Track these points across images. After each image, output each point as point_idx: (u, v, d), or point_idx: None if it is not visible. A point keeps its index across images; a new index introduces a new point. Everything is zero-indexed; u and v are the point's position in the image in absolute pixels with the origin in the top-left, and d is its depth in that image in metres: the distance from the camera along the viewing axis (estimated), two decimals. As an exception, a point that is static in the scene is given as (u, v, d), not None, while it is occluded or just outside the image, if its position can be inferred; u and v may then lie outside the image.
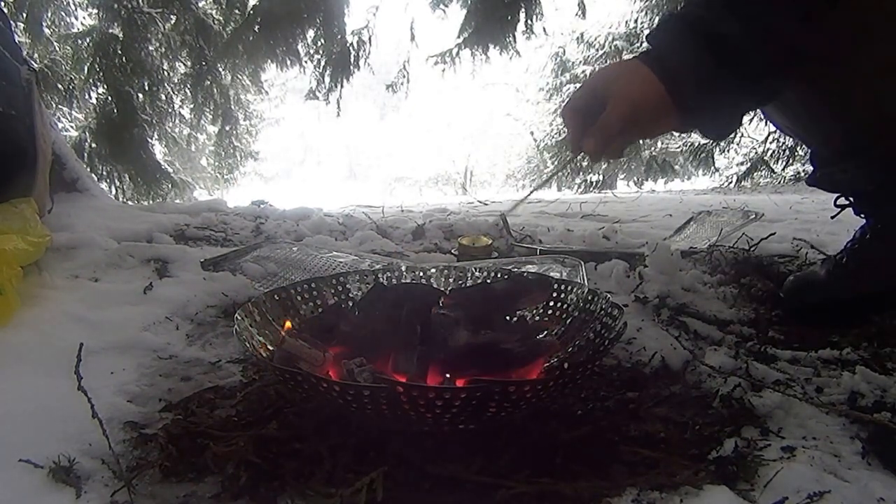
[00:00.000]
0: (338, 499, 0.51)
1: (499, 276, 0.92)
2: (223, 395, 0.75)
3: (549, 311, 0.85)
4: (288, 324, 0.77)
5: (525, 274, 1.06)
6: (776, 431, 0.65)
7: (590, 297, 0.81)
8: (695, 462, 0.58)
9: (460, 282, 0.95)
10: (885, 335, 0.92)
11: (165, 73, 4.02)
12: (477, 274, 0.94)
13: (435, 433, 0.59)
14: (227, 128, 4.77)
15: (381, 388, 0.54)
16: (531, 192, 1.07)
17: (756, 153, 5.43)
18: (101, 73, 3.57)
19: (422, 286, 0.89)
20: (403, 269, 0.95)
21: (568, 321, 0.82)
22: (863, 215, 1.02)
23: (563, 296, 0.86)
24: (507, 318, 0.84)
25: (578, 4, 4.06)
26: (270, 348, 0.72)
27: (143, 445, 0.62)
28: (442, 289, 0.92)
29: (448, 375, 0.65)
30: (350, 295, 0.89)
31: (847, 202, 1.02)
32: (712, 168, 5.60)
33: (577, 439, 0.62)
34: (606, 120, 0.78)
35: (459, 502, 0.53)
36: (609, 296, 0.79)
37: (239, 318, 0.71)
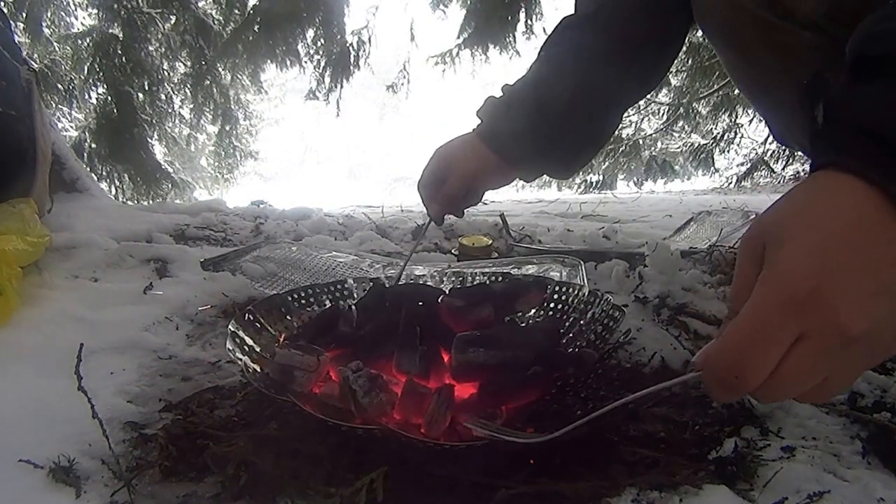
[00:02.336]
0: (338, 499, 0.51)
1: (496, 278, 0.93)
2: (223, 395, 0.75)
3: (549, 313, 0.86)
4: (282, 337, 0.76)
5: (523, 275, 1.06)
6: (776, 431, 0.65)
7: (591, 299, 0.81)
8: (694, 462, 0.58)
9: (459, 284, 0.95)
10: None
11: (165, 73, 4.02)
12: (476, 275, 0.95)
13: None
14: (227, 128, 4.77)
15: (374, 428, 0.54)
16: (409, 258, 1.06)
17: (756, 153, 5.42)
18: (101, 73, 3.57)
19: (421, 287, 0.90)
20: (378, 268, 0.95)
21: (567, 323, 0.82)
22: None
23: (562, 297, 0.86)
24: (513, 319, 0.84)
25: (578, 4, 4.06)
26: (266, 355, 0.71)
27: (143, 445, 0.62)
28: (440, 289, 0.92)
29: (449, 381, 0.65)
30: (349, 299, 0.89)
31: None
32: (712, 168, 5.60)
33: (577, 439, 0.62)
34: (448, 191, 0.90)
35: (459, 502, 0.53)
36: (610, 297, 0.79)
37: (232, 329, 0.71)
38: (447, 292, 0.84)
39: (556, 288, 0.87)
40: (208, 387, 0.77)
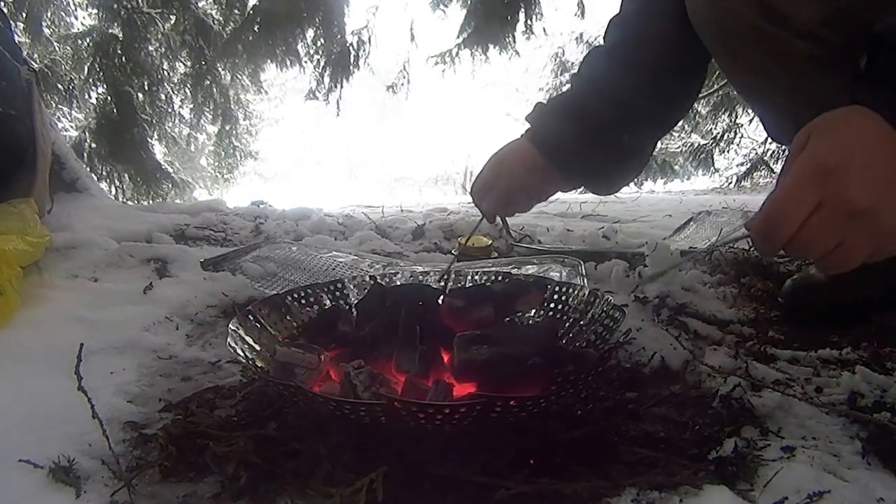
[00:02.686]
0: (338, 499, 0.51)
1: (496, 278, 0.93)
2: (223, 395, 0.75)
3: (549, 314, 0.85)
4: (281, 336, 0.76)
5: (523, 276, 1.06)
6: (776, 431, 0.65)
7: (590, 300, 0.81)
8: (694, 462, 0.58)
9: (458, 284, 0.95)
10: (885, 335, 0.92)
11: (165, 73, 4.01)
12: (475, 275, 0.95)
13: (434, 435, 0.59)
14: (227, 128, 4.76)
15: (378, 403, 0.54)
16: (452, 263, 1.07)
17: (756, 153, 5.43)
18: (101, 73, 3.56)
19: (419, 286, 0.90)
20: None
21: (567, 323, 0.82)
22: None
23: (562, 297, 0.86)
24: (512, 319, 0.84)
25: (578, 4, 4.06)
26: (267, 354, 0.71)
27: (143, 445, 0.62)
28: (439, 290, 0.92)
29: (450, 380, 0.65)
30: (348, 300, 0.89)
31: None
32: (712, 168, 5.60)
33: (577, 439, 0.62)
34: (500, 190, 0.94)
35: (459, 502, 0.53)
36: (610, 298, 0.79)
37: (233, 328, 0.71)
38: (446, 292, 0.84)
39: (556, 288, 0.87)
40: (208, 387, 0.77)
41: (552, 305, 0.86)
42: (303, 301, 0.85)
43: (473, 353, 0.64)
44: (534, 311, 0.87)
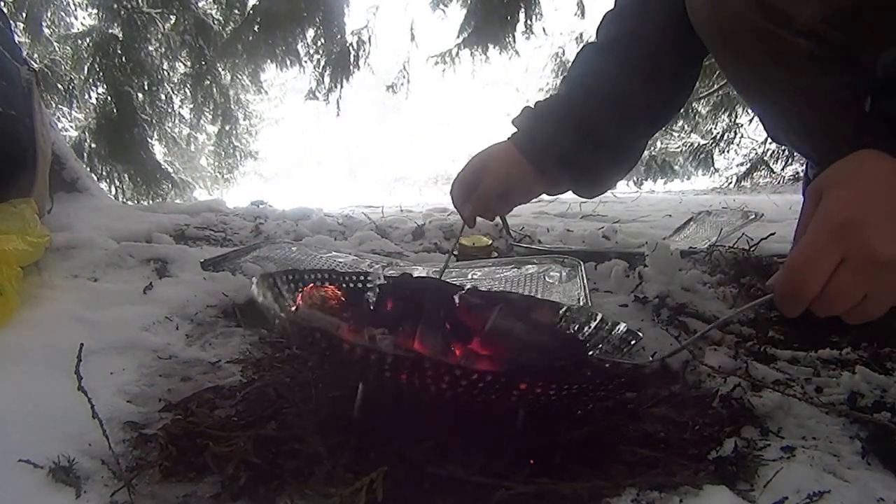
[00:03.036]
0: (338, 499, 0.51)
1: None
2: (223, 395, 0.75)
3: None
4: (300, 298, 0.74)
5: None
6: (776, 431, 0.65)
7: (605, 325, 0.80)
8: (694, 462, 0.58)
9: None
10: (885, 335, 0.92)
11: (165, 73, 4.01)
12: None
13: (435, 434, 0.59)
14: (227, 128, 4.76)
15: (407, 357, 0.53)
16: (451, 252, 1.10)
17: (756, 153, 5.43)
18: (101, 73, 3.56)
19: (440, 281, 0.89)
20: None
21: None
22: None
23: (572, 323, 0.84)
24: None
25: (578, 4, 4.07)
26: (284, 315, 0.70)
27: (142, 445, 0.62)
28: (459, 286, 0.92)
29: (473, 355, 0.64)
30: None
31: None
32: (712, 168, 5.60)
33: (577, 439, 0.62)
34: (480, 193, 0.91)
35: (459, 502, 0.53)
36: (625, 327, 0.77)
37: (257, 288, 0.68)
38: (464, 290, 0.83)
39: (566, 311, 0.85)
40: (208, 387, 0.77)
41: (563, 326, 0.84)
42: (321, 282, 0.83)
43: (508, 325, 0.64)
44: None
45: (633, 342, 0.73)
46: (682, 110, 0.97)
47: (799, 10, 0.72)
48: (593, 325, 0.81)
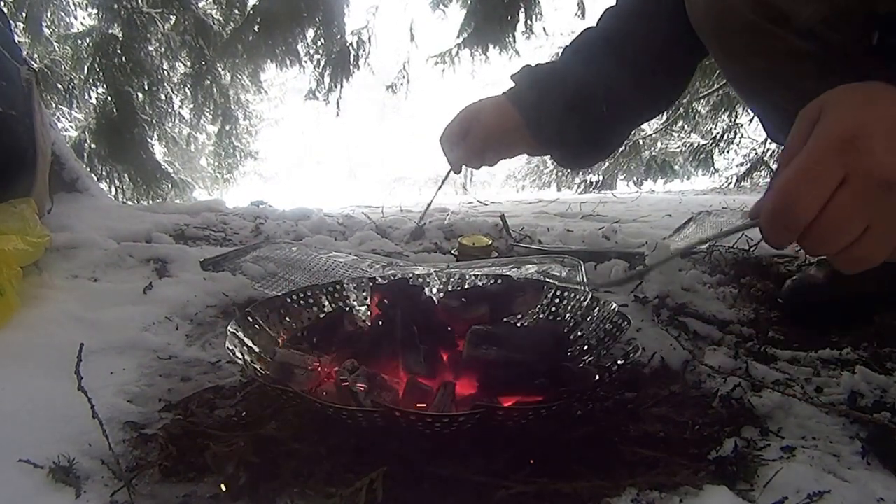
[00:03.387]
0: (337, 499, 0.51)
1: (492, 280, 0.93)
2: (223, 395, 0.75)
3: (549, 317, 0.85)
4: (280, 340, 0.76)
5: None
6: (776, 431, 0.65)
7: (592, 304, 0.81)
8: (694, 462, 0.58)
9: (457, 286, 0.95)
10: (885, 335, 0.92)
11: (165, 73, 4.01)
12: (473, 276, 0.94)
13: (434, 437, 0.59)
14: (227, 128, 4.76)
15: (377, 411, 0.55)
16: (433, 197, 1.19)
17: (756, 153, 5.42)
18: (101, 73, 3.56)
19: (405, 281, 0.89)
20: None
21: (566, 328, 0.82)
22: None
23: (562, 301, 0.85)
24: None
25: (578, 4, 4.06)
26: (266, 355, 0.71)
27: (143, 445, 0.62)
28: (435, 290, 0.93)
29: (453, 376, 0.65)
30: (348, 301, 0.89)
31: None
32: (712, 168, 5.59)
33: (577, 439, 0.62)
34: (471, 142, 0.94)
35: (459, 502, 0.53)
36: (614, 305, 0.78)
37: (232, 330, 0.71)
38: (430, 290, 0.84)
39: (556, 292, 0.86)
40: (208, 387, 0.77)
41: (553, 309, 0.86)
42: (302, 302, 0.85)
43: (482, 352, 0.64)
44: (531, 312, 0.87)
45: (622, 323, 0.73)
46: (678, 109, 0.99)
47: (798, 10, 0.72)
48: (584, 304, 0.82)
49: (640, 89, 0.91)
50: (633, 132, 1.03)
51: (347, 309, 0.87)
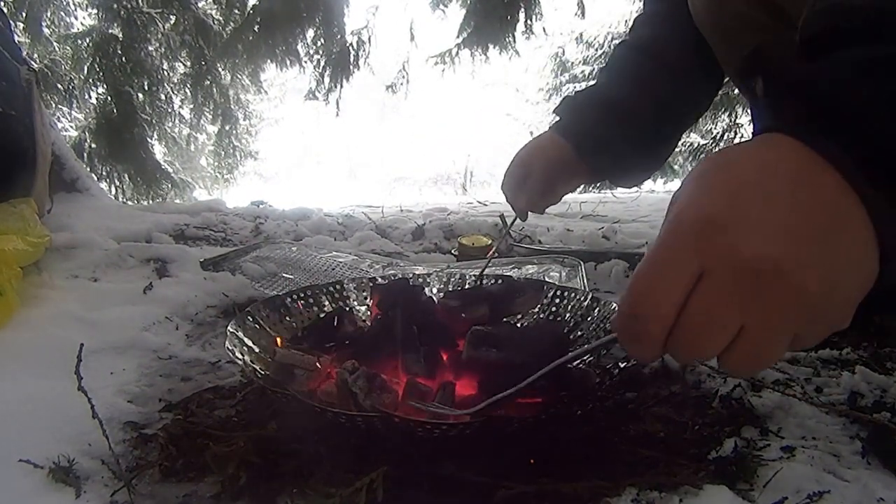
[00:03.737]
0: (337, 499, 0.51)
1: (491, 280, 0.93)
2: (223, 395, 0.75)
3: (549, 318, 0.85)
4: (279, 340, 0.76)
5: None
6: (776, 431, 0.65)
7: (592, 304, 0.81)
8: (694, 462, 0.58)
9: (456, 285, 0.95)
10: (885, 335, 0.92)
11: (165, 73, 4.02)
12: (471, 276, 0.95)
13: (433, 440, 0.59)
14: (227, 128, 4.77)
15: (375, 415, 0.55)
16: (491, 257, 1.16)
17: (756, 153, 5.42)
18: (101, 73, 3.57)
19: (405, 281, 0.89)
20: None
21: (566, 328, 0.82)
22: None
23: (562, 301, 0.85)
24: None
25: (578, 4, 4.06)
26: (266, 356, 0.71)
27: (143, 445, 0.62)
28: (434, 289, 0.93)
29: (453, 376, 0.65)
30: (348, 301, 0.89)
31: None
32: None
33: (577, 439, 0.62)
34: (531, 184, 0.93)
35: (459, 502, 0.53)
36: (613, 304, 0.78)
37: (231, 330, 0.71)
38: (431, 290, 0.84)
39: (556, 292, 0.86)
40: (208, 387, 0.77)
41: (553, 309, 0.86)
42: (302, 302, 0.85)
43: (482, 353, 0.64)
44: (531, 312, 0.87)
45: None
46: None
47: (801, 7, 0.71)
48: (584, 304, 0.83)
49: (682, 91, 0.91)
50: (680, 139, 1.03)
51: (347, 309, 0.87)
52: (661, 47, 0.91)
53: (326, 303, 0.87)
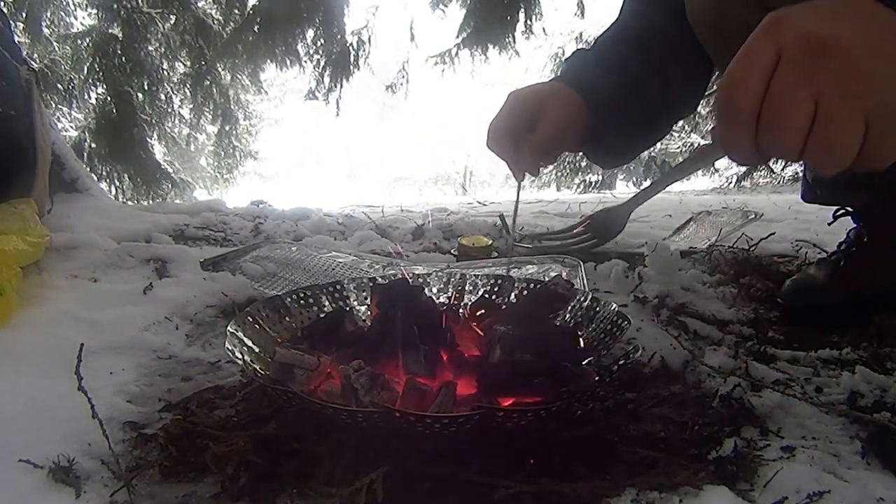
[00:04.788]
0: (337, 499, 0.51)
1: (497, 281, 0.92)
2: (223, 395, 0.75)
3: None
4: (281, 337, 0.76)
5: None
6: (776, 431, 0.65)
7: (592, 304, 0.81)
8: (694, 462, 0.58)
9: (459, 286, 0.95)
10: (885, 335, 0.93)
11: (165, 73, 4.02)
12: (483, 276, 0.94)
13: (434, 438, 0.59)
14: (227, 128, 4.77)
15: (376, 411, 0.55)
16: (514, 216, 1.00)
17: (756, 153, 5.42)
18: (101, 73, 3.57)
19: (404, 281, 0.89)
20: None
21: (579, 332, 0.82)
22: (861, 222, 1.02)
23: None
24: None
25: (578, 4, 4.07)
26: (266, 356, 0.71)
27: (142, 445, 0.62)
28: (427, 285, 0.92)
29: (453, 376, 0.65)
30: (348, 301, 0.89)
31: (845, 211, 1.03)
32: (712, 168, 5.60)
33: (577, 439, 0.62)
34: (541, 137, 0.81)
35: (459, 502, 0.53)
36: (614, 305, 0.78)
37: (231, 330, 0.71)
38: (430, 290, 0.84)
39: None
40: (208, 387, 0.77)
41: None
42: (302, 302, 0.85)
43: (516, 358, 0.64)
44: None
45: (622, 323, 0.73)
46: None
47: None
48: (584, 305, 0.82)
49: (684, 83, 0.88)
50: (666, 134, 0.99)
51: (347, 308, 0.87)
52: (660, 22, 0.88)
53: (326, 303, 0.87)
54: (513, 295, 0.89)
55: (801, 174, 1.02)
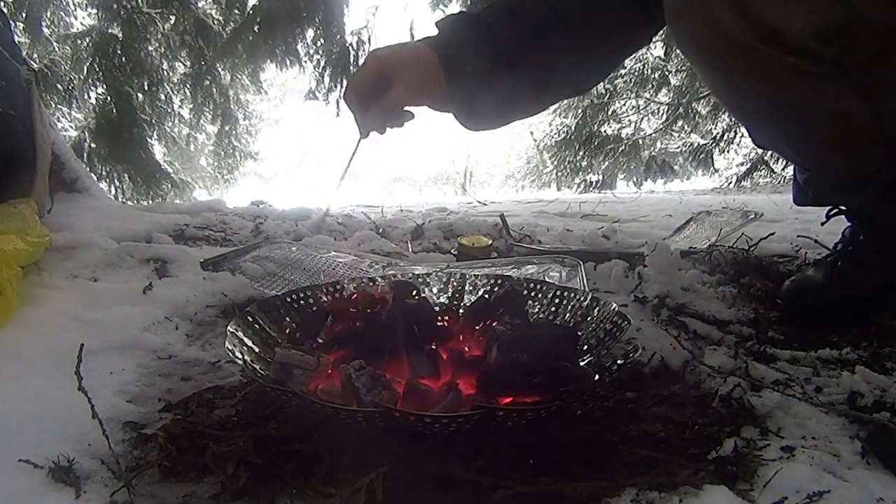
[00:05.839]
0: (337, 499, 0.51)
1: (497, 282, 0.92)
2: (223, 395, 0.75)
3: (549, 318, 0.85)
4: (281, 339, 0.76)
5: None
6: (775, 431, 0.65)
7: (592, 304, 0.81)
8: (694, 462, 0.58)
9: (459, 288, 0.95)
10: (885, 335, 0.92)
11: (165, 73, 4.02)
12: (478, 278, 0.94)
13: (434, 437, 0.59)
14: (227, 128, 4.77)
15: (376, 411, 0.55)
16: (345, 171, 1.02)
17: (756, 153, 5.42)
18: (101, 73, 3.57)
19: (403, 282, 0.89)
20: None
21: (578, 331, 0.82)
22: (855, 220, 1.03)
23: (562, 301, 0.85)
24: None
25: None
26: (265, 356, 0.71)
27: (142, 445, 0.62)
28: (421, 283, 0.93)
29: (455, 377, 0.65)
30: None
31: (838, 210, 1.04)
32: (712, 168, 5.60)
33: (577, 439, 0.62)
34: (393, 98, 0.82)
35: (459, 502, 0.53)
36: (614, 305, 0.78)
37: (231, 330, 0.71)
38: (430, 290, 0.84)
39: (556, 292, 0.86)
40: (208, 387, 0.77)
41: (553, 309, 0.86)
42: (302, 302, 0.85)
43: (513, 358, 0.64)
44: (531, 312, 0.87)
45: (622, 323, 0.73)
46: (678, 109, 0.94)
47: (789, 24, 0.70)
48: (584, 304, 0.82)
49: (561, 53, 0.86)
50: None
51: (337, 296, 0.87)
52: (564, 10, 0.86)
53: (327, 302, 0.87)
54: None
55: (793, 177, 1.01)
